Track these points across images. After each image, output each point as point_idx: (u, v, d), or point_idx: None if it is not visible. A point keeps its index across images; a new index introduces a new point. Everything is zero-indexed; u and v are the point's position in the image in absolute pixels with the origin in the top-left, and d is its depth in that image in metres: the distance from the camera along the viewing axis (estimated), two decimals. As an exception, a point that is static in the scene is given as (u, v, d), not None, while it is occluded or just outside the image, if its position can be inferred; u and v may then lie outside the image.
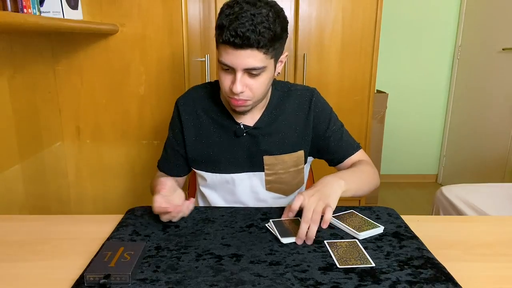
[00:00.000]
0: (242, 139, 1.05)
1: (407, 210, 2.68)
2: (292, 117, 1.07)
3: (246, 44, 0.84)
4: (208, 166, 1.09)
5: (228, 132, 1.05)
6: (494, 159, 2.56)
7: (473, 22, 2.82)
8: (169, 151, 1.14)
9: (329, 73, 2.21)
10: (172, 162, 1.14)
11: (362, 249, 0.77)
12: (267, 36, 0.84)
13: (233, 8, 0.85)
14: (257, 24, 0.83)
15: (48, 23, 1.10)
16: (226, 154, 1.06)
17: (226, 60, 0.88)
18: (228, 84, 0.92)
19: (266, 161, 1.06)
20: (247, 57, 0.86)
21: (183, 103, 1.09)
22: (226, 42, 0.85)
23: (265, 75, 0.91)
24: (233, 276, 0.68)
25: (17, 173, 1.32)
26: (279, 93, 1.08)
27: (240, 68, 0.88)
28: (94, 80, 1.56)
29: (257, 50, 0.86)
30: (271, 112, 1.06)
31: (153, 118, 1.60)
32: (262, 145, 1.05)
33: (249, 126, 1.05)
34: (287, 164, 1.07)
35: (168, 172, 1.15)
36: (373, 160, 1.09)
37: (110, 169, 1.65)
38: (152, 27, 1.51)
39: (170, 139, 1.13)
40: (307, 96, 1.08)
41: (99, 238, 0.83)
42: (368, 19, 2.14)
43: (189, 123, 1.08)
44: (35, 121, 1.43)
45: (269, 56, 0.89)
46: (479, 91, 2.75)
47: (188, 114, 1.08)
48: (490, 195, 1.62)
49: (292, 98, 1.08)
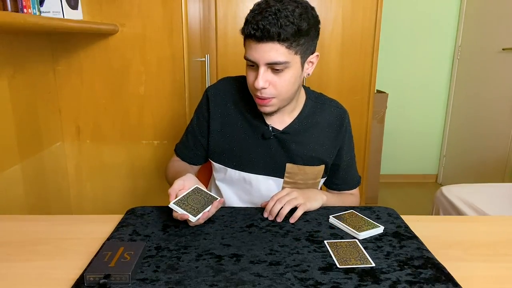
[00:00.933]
0: (269, 141, 1.03)
1: (407, 210, 2.68)
2: (323, 132, 1.06)
3: (266, 37, 0.84)
4: (228, 161, 1.07)
5: (255, 131, 1.04)
6: (494, 159, 2.56)
7: (473, 22, 2.82)
8: (190, 138, 1.12)
9: (329, 73, 2.21)
10: (191, 150, 1.12)
11: (362, 249, 0.77)
12: (290, 30, 0.83)
13: (261, 4, 0.86)
14: (280, 18, 0.83)
15: (48, 23, 1.10)
16: (249, 153, 1.05)
17: (249, 55, 0.88)
18: (252, 80, 0.91)
19: (288, 169, 1.05)
20: (268, 50, 0.85)
21: (213, 93, 1.07)
22: (248, 35, 0.86)
23: (289, 72, 0.89)
24: (233, 276, 0.68)
25: (17, 173, 1.32)
26: (312, 103, 1.06)
27: (262, 62, 0.87)
28: (94, 80, 1.56)
29: (278, 44, 0.85)
30: (302, 120, 1.04)
31: (153, 118, 1.60)
32: (288, 152, 1.03)
33: (278, 130, 1.03)
34: (307, 176, 1.06)
35: (185, 158, 1.14)
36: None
37: (110, 169, 1.65)
38: (152, 27, 1.51)
39: (193, 126, 1.11)
40: (341, 116, 1.08)
41: (99, 238, 0.82)
42: (368, 19, 2.14)
43: (217, 114, 1.06)
44: (35, 121, 1.43)
45: (292, 51, 0.87)
46: (479, 91, 2.75)
47: (217, 105, 1.06)
48: (490, 195, 1.62)
49: (326, 113, 1.06)
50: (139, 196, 1.68)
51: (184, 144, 1.14)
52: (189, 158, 1.14)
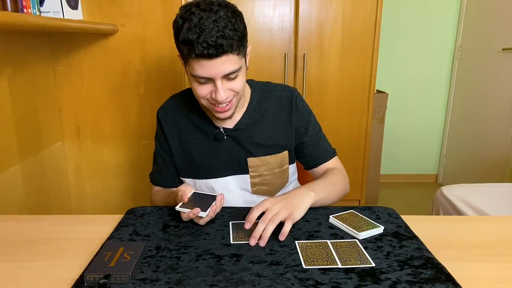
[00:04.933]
0: (223, 142, 1.04)
1: (407, 210, 2.68)
2: (274, 118, 1.06)
3: (221, 52, 0.83)
4: (193, 173, 1.08)
5: (208, 136, 1.05)
6: (494, 159, 2.56)
7: (473, 22, 2.82)
8: (160, 163, 1.12)
9: (329, 73, 2.21)
10: (165, 174, 1.12)
11: (362, 249, 0.77)
12: (236, 37, 0.84)
13: (191, 20, 0.82)
14: (223, 29, 0.82)
15: (48, 23, 1.10)
16: (209, 159, 1.06)
17: (202, 73, 0.86)
18: (206, 94, 0.91)
19: (250, 163, 1.06)
20: (223, 64, 0.85)
21: (163, 113, 1.09)
22: (200, 55, 0.83)
23: (241, 75, 0.91)
24: (233, 276, 0.68)
25: (17, 173, 1.32)
26: (258, 93, 1.07)
27: (218, 77, 0.87)
28: (94, 80, 1.56)
29: (231, 54, 0.85)
30: (251, 113, 1.05)
31: (153, 118, 1.60)
32: (245, 147, 1.04)
33: (229, 129, 1.04)
34: (271, 166, 1.07)
35: (163, 184, 1.13)
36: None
37: (110, 169, 1.65)
38: (152, 27, 1.51)
39: (158, 151, 1.11)
40: (288, 97, 1.07)
41: (99, 238, 0.82)
42: (368, 19, 2.14)
43: (171, 132, 1.07)
44: (35, 121, 1.43)
45: (241, 55, 0.89)
46: (479, 91, 2.75)
47: (169, 123, 1.08)
48: (490, 195, 1.62)
49: (272, 99, 1.07)
50: (139, 196, 1.68)
51: (156, 171, 1.14)
52: (166, 183, 1.13)
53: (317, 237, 0.82)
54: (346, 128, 2.26)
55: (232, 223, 0.88)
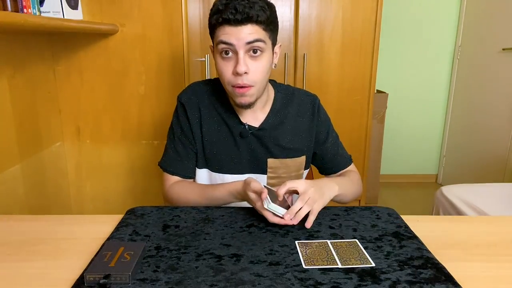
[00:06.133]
0: (247, 140, 1.04)
1: (407, 210, 2.68)
2: (296, 122, 1.06)
3: (246, 18, 0.86)
4: (209, 165, 1.07)
5: (233, 131, 1.04)
6: (494, 159, 2.56)
7: (473, 22, 2.82)
8: (182, 151, 1.06)
9: (329, 73, 2.21)
10: (187, 163, 1.07)
11: (362, 249, 0.77)
12: (264, 14, 0.88)
13: None
14: (253, 2, 0.87)
15: (48, 23, 1.10)
16: (230, 154, 1.04)
17: (227, 38, 0.88)
18: (229, 70, 0.91)
19: (270, 164, 1.05)
20: (248, 31, 0.88)
21: (187, 99, 1.05)
22: (226, 21, 0.87)
23: (265, 58, 0.92)
24: (233, 276, 0.68)
25: (17, 173, 1.32)
26: (282, 95, 1.07)
27: (241, 44, 0.88)
28: (94, 80, 1.56)
29: (257, 25, 0.88)
30: (275, 114, 1.05)
31: (153, 118, 1.60)
32: (267, 147, 1.04)
33: (254, 127, 1.03)
34: (290, 169, 1.07)
35: (184, 174, 1.08)
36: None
37: (110, 169, 1.65)
38: (152, 27, 1.51)
39: (179, 137, 1.06)
40: (310, 102, 1.08)
41: (99, 238, 0.82)
42: (368, 19, 2.14)
43: (195, 120, 1.05)
44: (35, 121, 1.43)
45: (268, 35, 0.91)
46: (479, 91, 2.75)
47: (193, 109, 1.05)
48: (490, 195, 1.62)
49: (295, 102, 1.07)
50: (139, 196, 1.68)
51: (176, 159, 1.07)
52: (185, 172, 1.07)
53: (317, 237, 0.82)
54: (346, 128, 2.27)
55: (266, 186, 0.88)
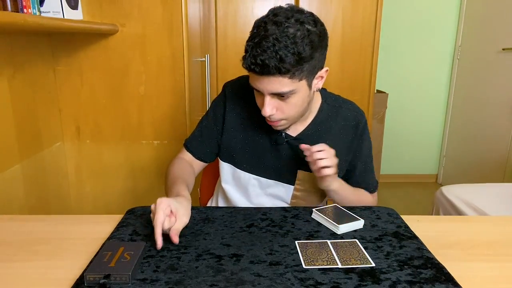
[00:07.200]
0: (281, 147, 1.02)
1: (407, 210, 2.68)
2: (337, 138, 1.03)
3: (267, 72, 0.81)
4: (238, 162, 1.05)
5: (269, 135, 1.02)
6: (494, 159, 2.56)
7: (473, 22, 2.82)
8: (205, 133, 1.07)
9: (329, 73, 2.20)
10: (203, 145, 1.07)
11: (362, 249, 0.77)
12: (290, 60, 0.79)
13: (259, 30, 0.81)
14: (278, 50, 0.78)
15: (48, 23, 1.10)
16: (261, 157, 1.03)
17: (253, 84, 0.87)
18: (259, 103, 0.91)
19: (299, 175, 1.03)
20: (271, 83, 0.83)
21: (231, 89, 1.04)
22: (248, 69, 0.84)
23: (296, 97, 0.88)
24: (233, 276, 0.68)
25: (17, 173, 1.32)
26: (328, 106, 1.03)
27: (266, 92, 0.86)
28: (94, 80, 1.56)
29: (280, 76, 0.82)
30: (317, 126, 1.02)
31: (153, 118, 1.60)
32: (301, 158, 0.99)
33: (291, 136, 1.01)
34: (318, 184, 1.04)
35: (197, 154, 1.08)
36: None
37: (110, 169, 1.65)
38: (152, 27, 1.51)
39: (209, 119, 1.07)
40: (355, 120, 1.04)
41: (99, 238, 0.82)
42: (368, 19, 2.14)
43: (232, 112, 1.03)
44: (35, 121, 1.43)
45: (296, 79, 0.84)
46: (479, 91, 2.75)
47: (234, 101, 1.03)
48: (490, 195, 1.62)
49: (339, 117, 1.03)
50: (139, 196, 1.68)
51: (197, 138, 1.08)
52: (199, 153, 1.08)
53: (317, 237, 0.82)
54: (346, 128, 2.26)
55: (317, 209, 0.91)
